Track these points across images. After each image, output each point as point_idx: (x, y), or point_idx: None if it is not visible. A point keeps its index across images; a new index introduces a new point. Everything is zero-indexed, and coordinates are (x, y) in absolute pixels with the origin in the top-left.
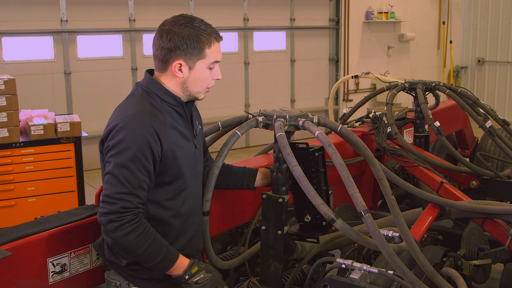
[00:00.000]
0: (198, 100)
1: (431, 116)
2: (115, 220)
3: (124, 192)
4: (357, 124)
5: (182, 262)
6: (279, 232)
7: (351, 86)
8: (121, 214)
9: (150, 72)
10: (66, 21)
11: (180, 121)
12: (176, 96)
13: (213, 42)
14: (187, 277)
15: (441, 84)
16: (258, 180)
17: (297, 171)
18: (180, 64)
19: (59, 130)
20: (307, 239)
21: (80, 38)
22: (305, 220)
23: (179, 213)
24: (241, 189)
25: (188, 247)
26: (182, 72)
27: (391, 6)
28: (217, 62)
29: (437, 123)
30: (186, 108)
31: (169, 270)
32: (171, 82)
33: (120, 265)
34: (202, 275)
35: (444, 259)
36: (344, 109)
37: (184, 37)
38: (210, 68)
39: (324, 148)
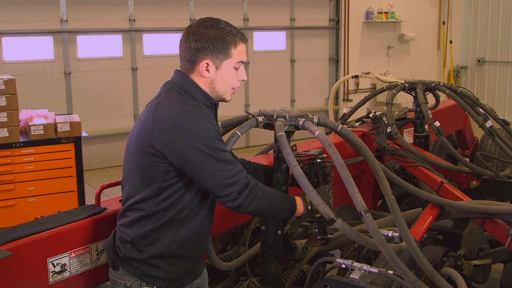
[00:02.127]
0: (225, 101)
1: (431, 116)
2: (249, 194)
3: (234, 169)
4: (357, 124)
5: (298, 199)
6: (279, 232)
7: (351, 86)
8: (247, 185)
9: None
10: (66, 21)
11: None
12: (211, 98)
13: (239, 42)
14: (309, 207)
15: (441, 84)
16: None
17: (297, 171)
18: (207, 64)
19: (59, 130)
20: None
21: (80, 38)
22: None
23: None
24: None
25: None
26: (209, 72)
27: (391, 6)
28: (242, 62)
29: (437, 123)
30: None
31: (296, 212)
32: (199, 82)
33: (138, 259)
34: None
35: (444, 259)
36: (344, 109)
37: (210, 37)
38: (236, 69)
39: (324, 148)
